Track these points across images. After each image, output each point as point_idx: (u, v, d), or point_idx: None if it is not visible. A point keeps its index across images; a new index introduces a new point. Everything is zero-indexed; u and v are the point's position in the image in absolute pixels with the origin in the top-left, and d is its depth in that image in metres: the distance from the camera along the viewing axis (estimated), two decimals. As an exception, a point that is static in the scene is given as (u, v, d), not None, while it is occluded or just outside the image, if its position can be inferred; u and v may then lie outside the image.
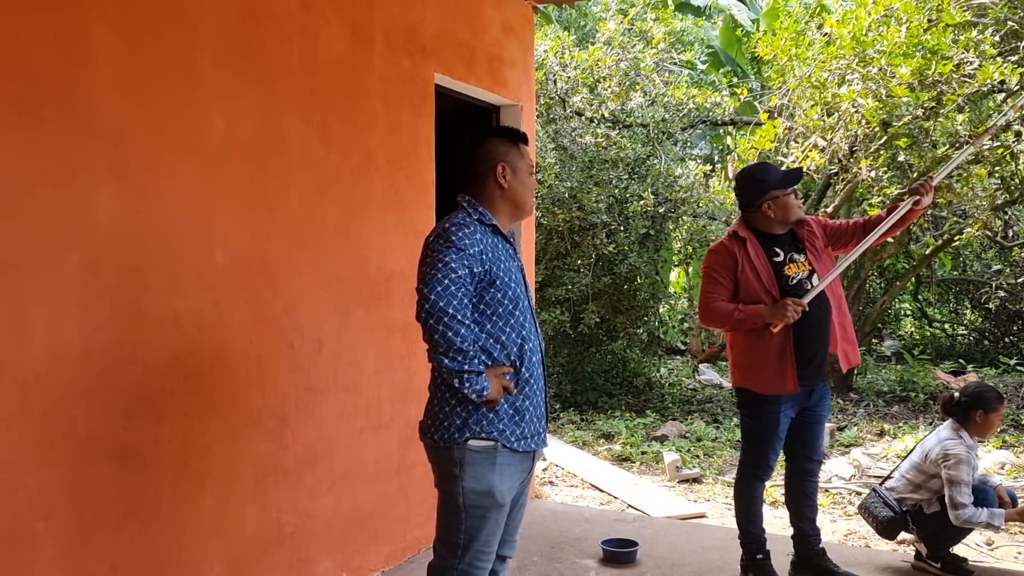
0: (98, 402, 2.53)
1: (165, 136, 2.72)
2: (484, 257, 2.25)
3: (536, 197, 7.66)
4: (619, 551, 3.88)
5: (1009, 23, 6.62)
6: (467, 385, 2.17)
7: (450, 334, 2.15)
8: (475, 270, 2.22)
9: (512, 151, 2.39)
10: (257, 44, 3.05)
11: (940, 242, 8.86)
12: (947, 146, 7.13)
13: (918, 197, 3.40)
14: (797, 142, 7.82)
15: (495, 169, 2.36)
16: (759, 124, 7.90)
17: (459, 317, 2.16)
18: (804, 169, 4.92)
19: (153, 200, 2.69)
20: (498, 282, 2.27)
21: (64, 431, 2.45)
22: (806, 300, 3.25)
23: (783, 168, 3.58)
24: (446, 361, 2.17)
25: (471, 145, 2.40)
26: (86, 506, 2.50)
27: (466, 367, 2.16)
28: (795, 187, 3.50)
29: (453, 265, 2.18)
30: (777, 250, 3.45)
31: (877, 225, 3.48)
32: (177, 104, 2.76)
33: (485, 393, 2.19)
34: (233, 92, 2.96)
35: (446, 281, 2.16)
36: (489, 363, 2.26)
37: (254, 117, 3.05)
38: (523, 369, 2.30)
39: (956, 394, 3.77)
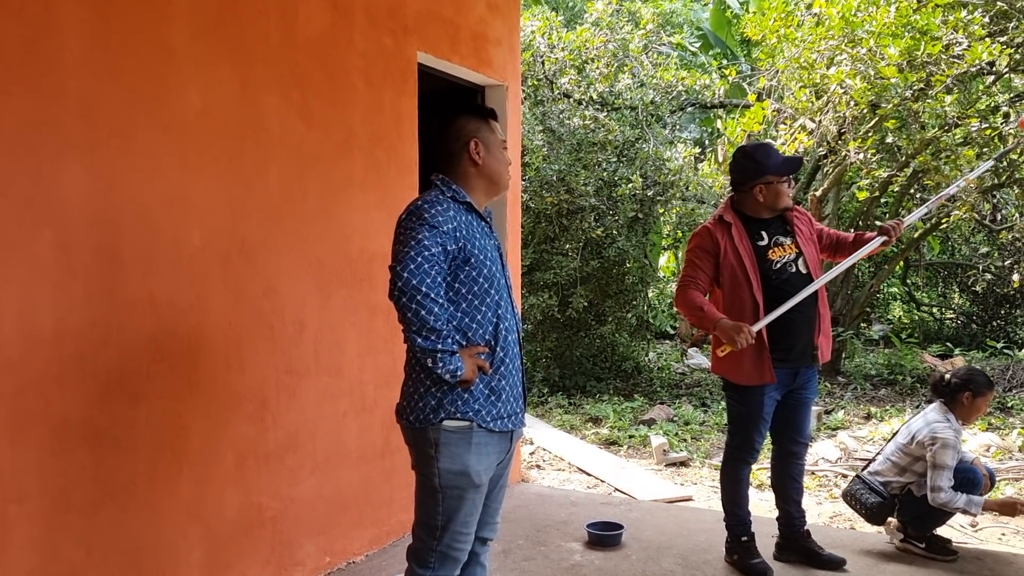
0: (72, 384, 2.49)
1: (138, 112, 2.66)
2: (458, 235, 2.21)
3: (523, 180, 7.64)
4: (604, 534, 3.86)
5: (998, 3, 6.59)
6: (440, 365, 2.14)
7: (423, 313, 2.11)
8: (449, 248, 2.19)
9: (483, 127, 2.36)
10: (233, 18, 2.99)
11: (928, 225, 8.86)
12: (936, 128, 7.11)
13: (886, 237, 3.43)
14: (786, 124, 7.79)
15: (468, 146, 2.32)
16: (748, 106, 7.86)
17: (432, 295, 2.12)
18: (803, 158, 4.93)
19: (127, 178, 2.63)
20: (473, 260, 2.23)
21: (37, 414, 2.40)
22: (756, 328, 3.24)
23: (783, 154, 3.54)
24: (419, 340, 2.13)
25: (441, 124, 2.37)
26: (60, 489, 2.46)
27: (439, 346, 2.13)
28: (791, 176, 3.48)
29: (426, 243, 2.14)
30: (762, 234, 3.43)
31: (845, 246, 3.57)
32: (150, 79, 2.70)
33: (459, 373, 2.16)
34: (209, 68, 2.90)
35: (419, 259, 2.12)
36: (464, 343, 2.23)
37: (231, 93, 2.99)
38: (499, 349, 2.27)
39: (947, 375, 3.77)
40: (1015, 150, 6.55)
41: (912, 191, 8.81)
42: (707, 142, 12.30)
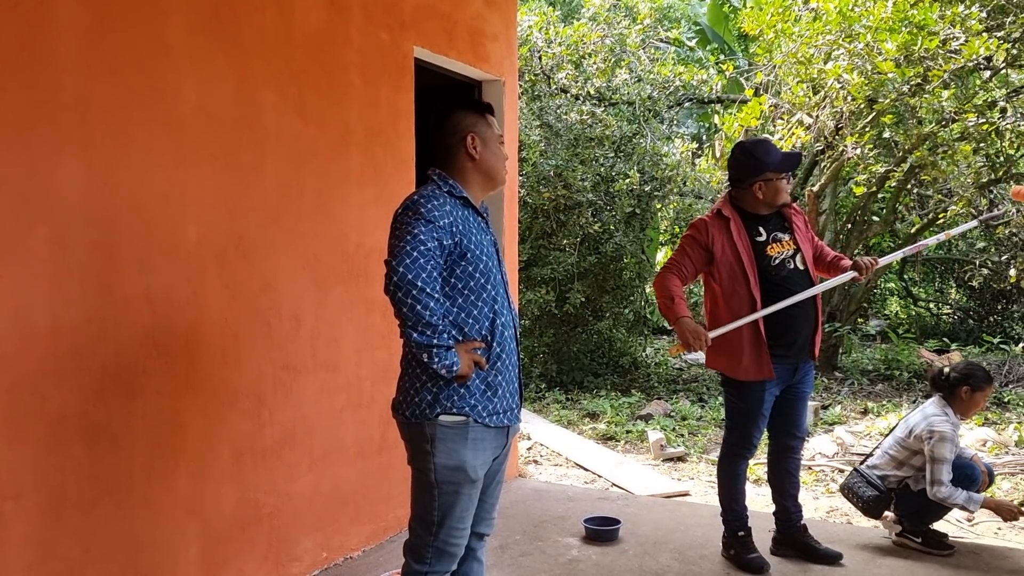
0: (68, 380, 2.48)
1: (134, 107, 2.65)
2: (454, 229, 2.21)
3: (520, 175, 7.63)
4: (601, 529, 3.86)
5: (996, -2, 6.59)
6: (436, 360, 2.13)
7: (419, 307, 2.10)
8: (445, 243, 2.18)
9: (480, 122, 2.35)
10: (229, 14, 2.98)
11: (925, 221, 8.87)
12: (933, 123, 7.12)
13: (856, 273, 3.44)
14: (783, 119, 7.79)
15: (465, 140, 2.32)
16: (745, 101, 7.86)
17: (428, 290, 2.12)
18: (802, 153, 4.95)
19: (122, 173, 2.62)
20: (469, 255, 2.23)
21: (33, 410, 2.40)
22: (713, 335, 3.26)
23: (781, 150, 3.54)
24: (414, 335, 2.13)
25: (438, 119, 2.36)
26: (57, 486, 2.46)
27: (435, 341, 2.12)
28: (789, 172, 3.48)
29: (422, 237, 2.13)
30: (760, 229, 3.43)
31: (823, 263, 3.57)
32: (146, 74, 2.69)
33: (455, 368, 2.15)
34: (205, 63, 2.89)
35: (415, 254, 2.12)
36: (460, 338, 2.22)
37: (228, 89, 2.98)
38: (495, 344, 2.27)
39: (947, 369, 3.77)
40: (1005, 215, 6.64)
41: (909, 186, 8.82)
42: (704, 137, 12.31)
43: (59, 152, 2.45)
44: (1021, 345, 9.52)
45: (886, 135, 7.52)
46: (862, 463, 3.94)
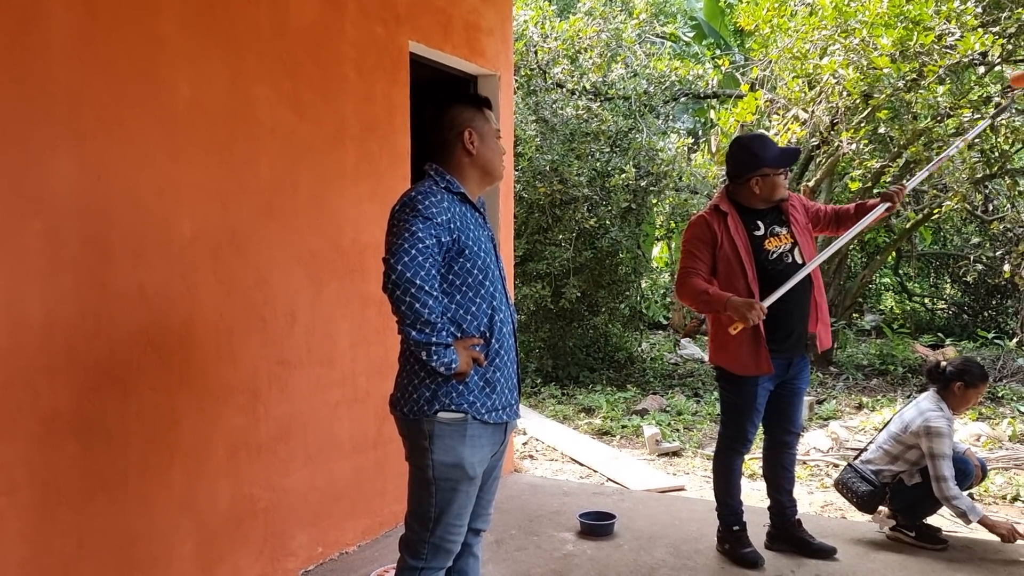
0: (61, 375, 2.47)
1: (128, 102, 2.64)
2: (452, 226, 2.19)
3: (516, 170, 7.62)
4: (597, 524, 3.87)
5: (991, -6, 6.60)
6: (435, 358, 2.13)
7: (417, 305, 2.10)
8: (443, 240, 2.17)
9: (477, 116, 2.34)
10: (223, 7, 2.96)
11: (920, 216, 8.88)
12: (928, 118, 7.12)
13: (889, 203, 3.42)
14: (779, 114, 7.79)
15: (462, 135, 2.31)
16: (741, 96, 7.86)
17: (426, 288, 2.11)
18: (800, 149, 4.93)
19: (115, 168, 2.61)
20: (467, 251, 2.21)
21: (26, 405, 2.39)
22: (767, 303, 3.21)
23: (778, 145, 3.51)
24: (413, 333, 2.12)
25: (435, 114, 2.34)
26: (51, 481, 2.45)
27: (433, 339, 2.12)
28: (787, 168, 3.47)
29: (420, 235, 2.12)
30: (758, 223, 3.43)
31: (847, 218, 3.54)
32: (139, 68, 2.68)
33: (453, 366, 2.15)
34: (199, 57, 2.88)
35: (413, 251, 2.10)
36: (458, 335, 2.21)
37: (221, 83, 2.97)
38: (493, 340, 2.26)
39: (944, 363, 3.79)
40: (1012, 106, 6.55)
41: (905, 182, 8.82)
42: (700, 132, 12.31)
43: (52, 146, 2.43)
44: (1015, 340, 9.56)
45: (881, 130, 7.52)
46: (856, 458, 3.95)
